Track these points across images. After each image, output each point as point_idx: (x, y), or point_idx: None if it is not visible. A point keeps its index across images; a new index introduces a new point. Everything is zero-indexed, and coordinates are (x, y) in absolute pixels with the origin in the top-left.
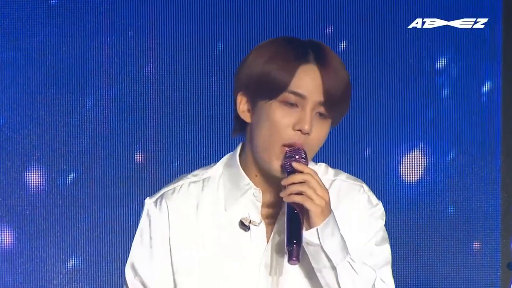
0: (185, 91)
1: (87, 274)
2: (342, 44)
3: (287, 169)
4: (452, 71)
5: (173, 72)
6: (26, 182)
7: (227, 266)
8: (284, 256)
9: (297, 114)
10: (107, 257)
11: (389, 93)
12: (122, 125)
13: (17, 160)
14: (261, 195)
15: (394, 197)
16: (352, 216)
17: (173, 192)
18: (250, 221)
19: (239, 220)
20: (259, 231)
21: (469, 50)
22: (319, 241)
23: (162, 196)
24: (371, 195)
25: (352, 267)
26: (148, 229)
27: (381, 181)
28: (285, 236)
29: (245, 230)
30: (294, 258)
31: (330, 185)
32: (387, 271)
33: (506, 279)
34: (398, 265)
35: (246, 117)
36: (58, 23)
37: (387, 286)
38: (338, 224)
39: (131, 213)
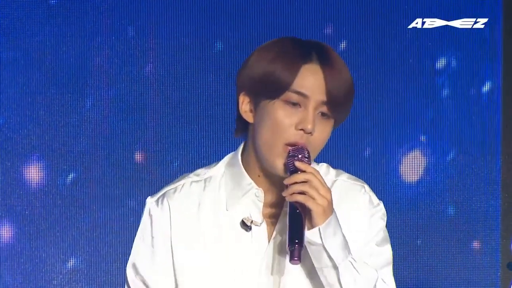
0: (185, 91)
1: (86, 274)
2: (342, 44)
3: (290, 168)
4: (452, 71)
5: (173, 72)
6: (25, 182)
7: (228, 266)
8: (286, 256)
9: (300, 114)
10: (106, 257)
11: (389, 93)
12: (122, 125)
13: (17, 160)
14: (263, 195)
15: (394, 197)
16: (353, 216)
17: (174, 191)
18: (252, 221)
19: (241, 220)
20: (260, 231)
21: (469, 50)
22: (321, 240)
23: (163, 195)
24: (372, 195)
25: (353, 266)
26: (149, 228)
27: (381, 181)
28: (287, 236)
29: (247, 230)
30: (296, 258)
31: (331, 186)
32: (388, 272)
33: (506, 279)
34: (398, 265)
35: (248, 117)
36: (58, 23)
37: (388, 287)
38: (340, 224)
39: (130, 213)
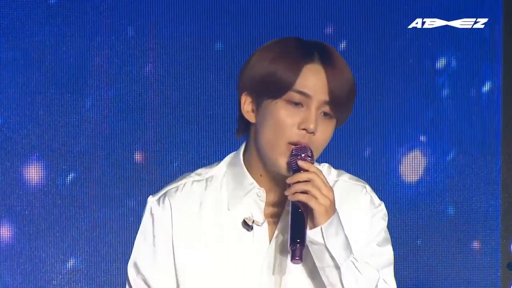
0: (184, 91)
1: (86, 274)
2: (342, 44)
3: (293, 167)
4: (452, 71)
5: (172, 72)
6: (25, 182)
7: (230, 266)
8: (287, 256)
9: (302, 114)
10: (106, 257)
11: (389, 93)
12: (121, 125)
13: (16, 160)
14: (264, 195)
15: (394, 197)
16: (355, 217)
17: (176, 191)
18: (253, 221)
19: (242, 219)
20: (262, 230)
21: (469, 50)
22: (323, 240)
23: (165, 194)
24: (373, 195)
25: (355, 266)
26: (151, 228)
27: (381, 181)
28: (289, 235)
29: (248, 230)
30: (297, 258)
31: (333, 186)
32: (389, 272)
33: (506, 279)
34: (398, 265)
35: (250, 117)
36: (57, 23)
37: (389, 287)
38: (342, 224)
39: (130, 213)
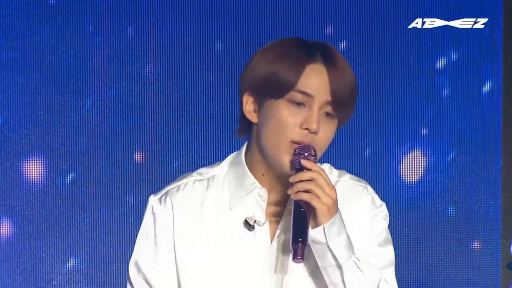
0: (184, 91)
1: (86, 274)
2: (342, 44)
3: (296, 166)
4: (452, 71)
5: (172, 72)
6: (25, 182)
7: (231, 265)
8: (289, 255)
9: (304, 114)
10: (106, 257)
11: (389, 93)
12: (121, 125)
13: (16, 160)
14: (266, 194)
15: (394, 197)
16: (356, 217)
17: (177, 190)
18: (255, 221)
19: (244, 219)
20: (263, 230)
21: (469, 50)
22: (326, 239)
23: (166, 193)
24: (375, 196)
25: (357, 266)
26: (152, 227)
27: (381, 181)
28: (291, 234)
29: (250, 230)
30: (299, 257)
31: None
32: (390, 272)
33: (506, 279)
34: (398, 265)
35: (252, 117)
36: (57, 23)
37: (390, 287)
38: (344, 223)
39: (130, 213)
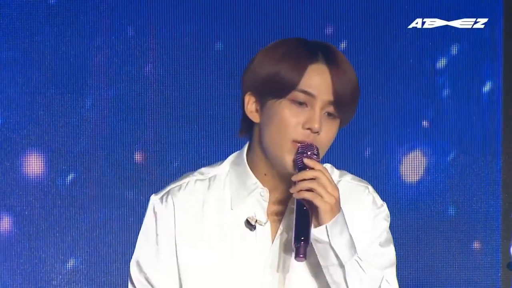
0: (184, 91)
1: (86, 275)
2: (342, 44)
3: (298, 165)
4: (452, 71)
5: (172, 72)
6: (25, 182)
7: (233, 265)
8: (290, 254)
9: (306, 113)
10: (106, 257)
11: (389, 93)
12: (121, 125)
13: (16, 160)
14: (267, 194)
15: (395, 198)
16: (357, 217)
17: (179, 189)
18: (256, 221)
19: (245, 219)
20: (264, 230)
21: (469, 50)
22: (328, 238)
23: (168, 192)
24: (376, 196)
25: (360, 265)
26: (154, 226)
27: (381, 181)
28: (293, 233)
29: (251, 230)
30: (301, 255)
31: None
32: (391, 272)
33: (506, 279)
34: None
35: (254, 117)
36: (57, 23)
37: (391, 287)
38: (346, 222)
39: (130, 213)
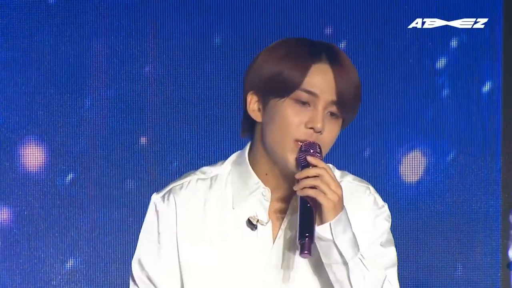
0: (184, 91)
1: (86, 275)
2: (342, 44)
3: (302, 163)
4: (452, 71)
5: (172, 72)
6: (24, 182)
7: (234, 264)
8: (292, 253)
9: (309, 113)
10: (106, 257)
11: (389, 93)
12: (121, 125)
13: (15, 160)
14: (269, 194)
15: (394, 198)
16: (358, 218)
17: (181, 188)
18: (258, 220)
19: (247, 218)
20: (266, 229)
21: (469, 50)
22: (332, 236)
23: (169, 191)
24: (377, 196)
25: (363, 264)
26: (155, 224)
27: (381, 182)
28: (298, 230)
29: (252, 229)
30: (306, 252)
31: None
32: (392, 273)
33: (506, 279)
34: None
35: (256, 116)
36: (57, 23)
37: (393, 287)
38: (350, 221)
39: (130, 213)
